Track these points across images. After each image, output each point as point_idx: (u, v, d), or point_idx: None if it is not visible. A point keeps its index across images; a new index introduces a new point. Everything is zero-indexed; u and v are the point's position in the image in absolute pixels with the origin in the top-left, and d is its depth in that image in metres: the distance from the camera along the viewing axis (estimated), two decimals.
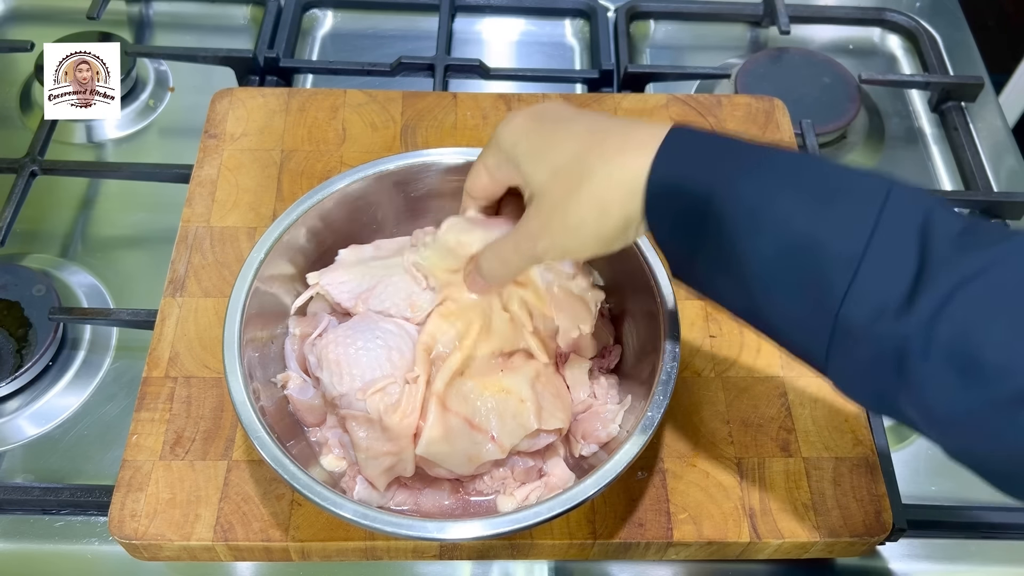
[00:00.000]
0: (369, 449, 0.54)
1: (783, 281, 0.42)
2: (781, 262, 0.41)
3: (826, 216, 0.40)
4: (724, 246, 0.43)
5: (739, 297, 0.45)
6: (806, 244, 0.40)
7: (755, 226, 0.42)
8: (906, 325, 0.38)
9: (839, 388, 0.44)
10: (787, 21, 0.96)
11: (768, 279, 0.42)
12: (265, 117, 0.79)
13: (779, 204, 0.41)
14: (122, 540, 0.59)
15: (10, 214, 0.76)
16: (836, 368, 0.42)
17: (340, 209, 0.64)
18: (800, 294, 0.41)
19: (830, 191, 0.41)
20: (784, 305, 0.42)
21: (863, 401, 0.45)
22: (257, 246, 0.60)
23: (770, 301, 0.43)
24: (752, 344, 0.68)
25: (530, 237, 0.50)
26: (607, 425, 0.59)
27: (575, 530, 0.60)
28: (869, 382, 0.41)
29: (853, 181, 0.42)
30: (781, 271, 0.41)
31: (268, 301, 0.61)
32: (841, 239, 0.40)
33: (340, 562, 0.61)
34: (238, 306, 0.58)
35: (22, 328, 0.72)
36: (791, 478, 0.62)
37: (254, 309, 0.59)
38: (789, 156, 0.44)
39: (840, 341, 0.41)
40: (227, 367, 0.55)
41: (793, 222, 0.41)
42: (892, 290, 0.39)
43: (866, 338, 0.39)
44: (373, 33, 1.00)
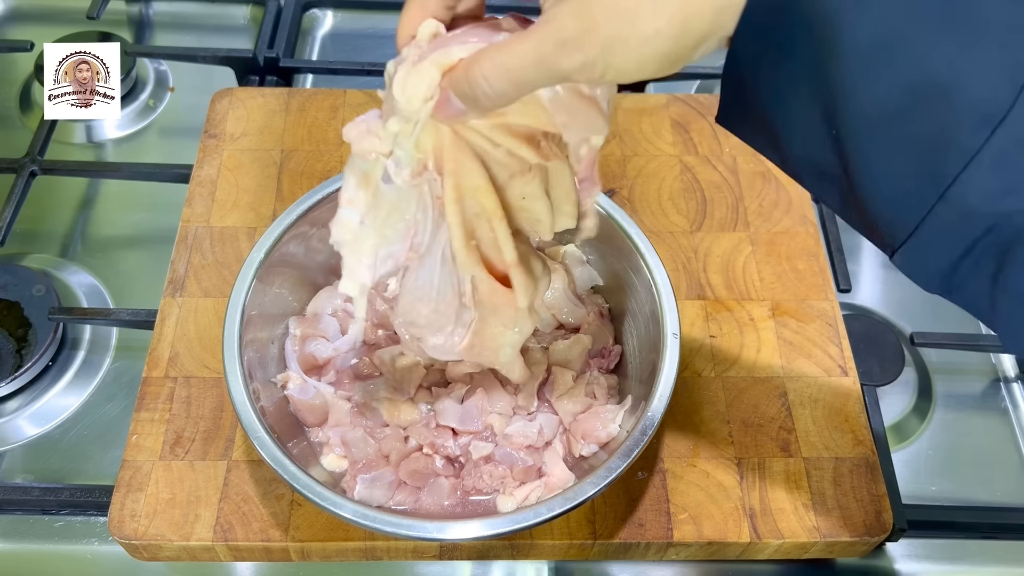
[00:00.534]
0: (499, 345, 0.52)
1: (894, 130, 0.34)
2: (898, 106, 0.33)
3: (969, 54, 0.32)
4: (828, 77, 0.35)
5: (820, 142, 0.37)
6: (938, 87, 0.32)
7: (879, 59, 0.33)
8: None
9: (904, 262, 0.37)
10: None
11: (875, 125, 0.34)
12: (265, 117, 0.79)
13: (912, 32, 0.33)
14: (122, 540, 0.59)
15: (10, 214, 0.76)
16: (914, 247, 0.36)
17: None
18: (912, 148, 0.34)
19: (979, 22, 0.33)
20: (884, 159, 0.35)
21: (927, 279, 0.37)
22: (257, 246, 0.60)
23: (866, 151, 0.35)
24: (752, 344, 0.68)
25: (563, 45, 0.37)
26: (607, 425, 0.59)
27: (575, 530, 0.60)
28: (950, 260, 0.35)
29: (1010, 12, 0.33)
30: (896, 117, 0.34)
31: (268, 301, 0.61)
32: (984, 86, 0.32)
33: (340, 562, 0.61)
34: (238, 306, 0.58)
35: (22, 328, 0.72)
36: (791, 478, 0.62)
37: (254, 309, 0.59)
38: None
39: (943, 212, 0.34)
40: (227, 367, 0.55)
41: (925, 57, 0.33)
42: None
43: (982, 213, 0.33)
44: (373, 33, 1.00)
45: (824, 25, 0.34)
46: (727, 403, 0.65)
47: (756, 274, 0.72)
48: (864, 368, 0.68)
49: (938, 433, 0.72)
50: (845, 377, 0.67)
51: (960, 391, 0.75)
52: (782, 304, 0.70)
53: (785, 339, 0.68)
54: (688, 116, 0.81)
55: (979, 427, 0.72)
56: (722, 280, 0.71)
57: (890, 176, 0.35)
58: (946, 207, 0.34)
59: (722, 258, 0.72)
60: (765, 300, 0.70)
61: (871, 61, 0.33)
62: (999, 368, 0.76)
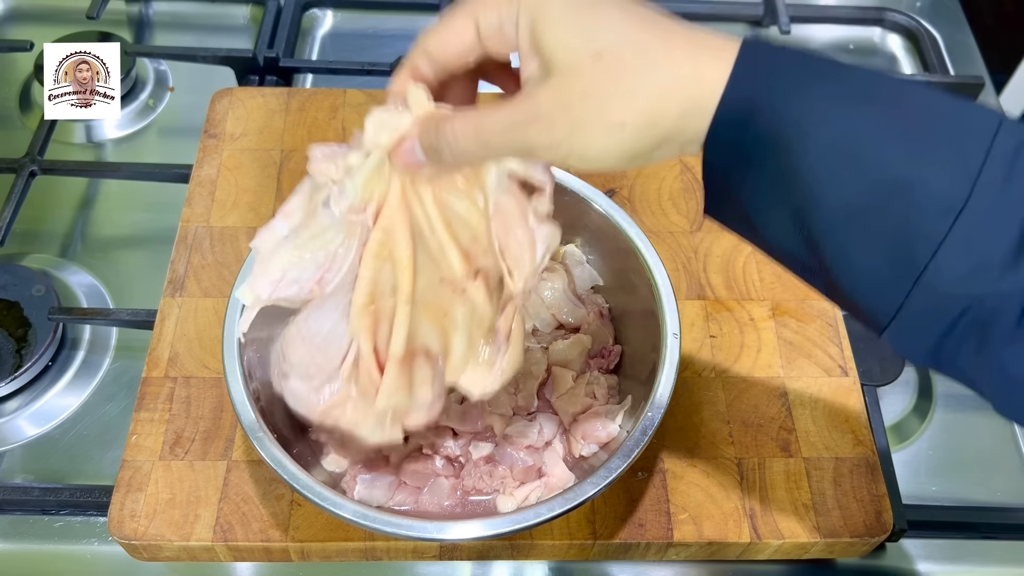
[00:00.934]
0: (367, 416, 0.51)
1: (863, 226, 0.36)
2: (864, 204, 0.36)
3: (925, 153, 0.35)
4: (794, 190, 0.37)
5: (795, 239, 0.39)
6: (899, 185, 0.35)
7: (840, 161, 0.36)
8: (1011, 283, 0.34)
9: (891, 341, 0.39)
10: (787, 21, 0.96)
11: (844, 223, 0.36)
12: (265, 117, 0.79)
13: (871, 138, 0.36)
14: (122, 540, 0.58)
15: (10, 214, 0.76)
16: (899, 328, 0.38)
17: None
18: (881, 241, 0.36)
19: (929, 123, 0.36)
20: (857, 253, 0.37)
21: (916, 356, 0.39)
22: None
23: (839, 247, 0.37)
24: (752, 344, 0.68)
25: (535, 120, 0.39)
26: (607, 425, 0.59)
27: (575, 530, 0.60)
28: (934, 341, 0.37)
29: (956, 112, 0.36)
30: (862, 214, 0.36)
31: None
32: (941, 180, 0.34)
33: (340, 562, 0.61)
34: (238, 306, 0.57)
35: (22, 328, 0.72)
36: (791, 478, 0.62)
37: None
38: (883, 81, 0.37)
39: (919, 297, 0.36)
40: (227, 367, 0.55)
41: (886, 159, 0.35)
42: (999, 242, 0.34)
43: (955, 296, 0.35)
44: (373, 33, 1.00)
45: (787, 136, 0.36)
46: (727, 403, 0.65)
47: (756, 274, 0.72)
48: (864, 368, 0.68)
49: (938, 433, 0.71)
50: (845, 377, 0.67)
51: (960, 391, 0.73)
52: (782, 304, 0.70)
53: (785, 339, 0.68)
54: None
55: (979, 427, 0.72)
56: (722, 280, 0.71)
57: (865, 268, 0.37)
58: (921, 292, 0.36)
59: (722, 258, 0.72)
60: (765, 300, 0.70)
61: (835, 165, 0.36)
62: None
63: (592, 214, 0.62)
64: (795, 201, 0.37)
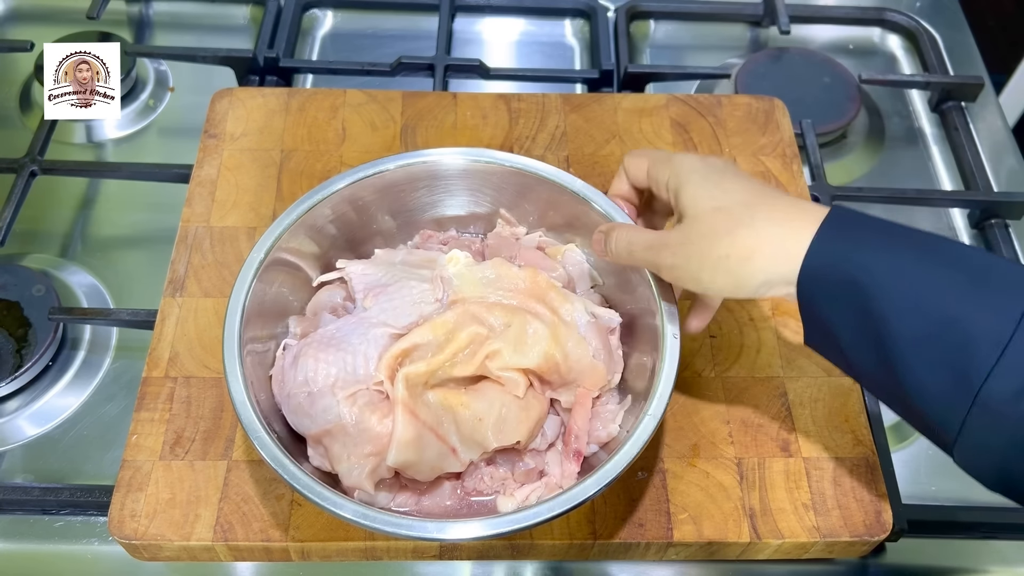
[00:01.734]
0: (350, 457, 0.54)
1: (926, 357, 0.45)
2: (927, 339, 0.44)
3: (976, 298, 0.44)
4: (871, 322, 0.46)
5: (877, 369, 0.47)
6: (956, 321, 0.44)
7: (905, 306, 0.45)
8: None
9: (963, 463, 0.47)
10: (787, 21, 0.96)
11: (912, 354, 0.45)
12: (265, 117, 0.79)
13: (931, 286, 0.45)
14: (122, 540, 0.59)
15: (10, 214, 0.76)
16: (965, 444, 0.45)
17: (342, 208, 0.64)
18: (942, 369, 0.44)
19: (980, 276, 0.45)
20: (924, 379, 0.45)
21: (986, 478, 0.47)
22: (257, 246, 0.60)
23: (910, 375, 0.45)
24: (752, 344, 0.68)
25: (666, 246, 0.53)
26: (607, 425, 0.59)
27: (575, 530, 0.60)
28: (998, 459, 0.44)
29: (1002, 268, 0.45)
30: (926, 347, 0.44)
31: (269, 300, 0.61)
32: (990, 319, 0.43)
33: (340, 562, 0.61)
34: (238, 306, 0.57)
35: (22, 328, 0.72)
36: (791, 478, 0.62)
37: (254, 309, 0.58)
38: (942, 243, 0.47)
39: (978, 416, 0.43)
40: (227, 367, 0.55)
41: (944, 303, 0.44)
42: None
43: (1007, 415, 0.42)
44: (373, 33, 1.00)
45: (866, 282, 0.46)
46: (727, 403, 0.65)
47: None
48: None
49: None
50: (845, 377, 0.67)
51: None
52: (782, 304, 0.70)
53: (785, 339, 0.68)
54: (688, 116, 0.81)
55: None
56: None
57: (932, 386, 0.45)
58: (980, 410, 0.43)
59: None
60: (765, 300, 0.70)
61: (904, 306, 0.45)
62: None
63: (592, 214, 0.62)
64: (873, 330, 0.46)
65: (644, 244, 0.55)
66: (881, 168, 0.91)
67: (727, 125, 0.81)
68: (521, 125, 0.80)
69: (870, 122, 0.93)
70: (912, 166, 0.91)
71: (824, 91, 0.92)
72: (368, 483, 0.55)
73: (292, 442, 0.57)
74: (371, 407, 0.54)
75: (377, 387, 0.55)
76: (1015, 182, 0.89)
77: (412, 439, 0.53)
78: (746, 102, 0.83)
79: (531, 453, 0.59)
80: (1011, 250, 0.82)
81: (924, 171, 0.91)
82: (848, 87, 0.92)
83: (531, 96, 0.83)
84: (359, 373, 0.55)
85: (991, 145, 0.91)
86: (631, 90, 0.93)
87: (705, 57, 1.00)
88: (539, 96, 0.83)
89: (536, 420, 0.58)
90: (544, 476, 0.59)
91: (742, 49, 1.01)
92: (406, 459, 0.54)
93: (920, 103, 0.96)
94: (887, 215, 0.87)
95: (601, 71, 0.93)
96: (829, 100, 0.91)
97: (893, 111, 0.95)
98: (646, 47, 1.01)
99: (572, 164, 0.78)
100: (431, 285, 0.60)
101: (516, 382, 0.57)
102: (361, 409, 0.54)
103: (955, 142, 0.91)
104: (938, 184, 0.90)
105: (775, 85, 0.91)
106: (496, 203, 0.67)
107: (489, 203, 0.67)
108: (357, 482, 0.55)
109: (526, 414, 0.57)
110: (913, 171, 0.91)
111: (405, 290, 0.60)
